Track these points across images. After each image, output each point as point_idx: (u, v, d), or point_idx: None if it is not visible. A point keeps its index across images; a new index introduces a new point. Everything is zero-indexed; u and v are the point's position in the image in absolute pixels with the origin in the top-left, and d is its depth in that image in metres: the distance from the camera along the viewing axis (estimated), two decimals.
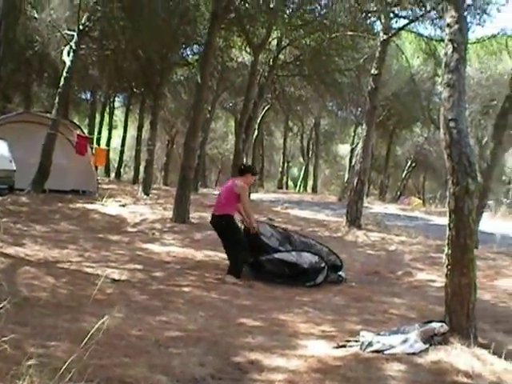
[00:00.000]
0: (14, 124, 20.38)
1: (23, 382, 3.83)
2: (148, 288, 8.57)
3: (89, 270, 9.14)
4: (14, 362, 4.32)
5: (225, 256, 10.75)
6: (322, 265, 9.96)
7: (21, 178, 17.98)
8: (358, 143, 25.94)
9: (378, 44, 17.95)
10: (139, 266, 10.08)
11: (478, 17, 18.12)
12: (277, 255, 10.17)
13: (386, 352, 5.81)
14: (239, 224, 10.50)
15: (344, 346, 6.07)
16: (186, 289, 8.78)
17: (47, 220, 14.57)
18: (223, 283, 9.50)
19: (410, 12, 18.10)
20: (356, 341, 6.14)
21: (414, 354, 5.73)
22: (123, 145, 40.55)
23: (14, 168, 17.72)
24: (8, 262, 9.06)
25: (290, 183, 60.02)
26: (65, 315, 6.47)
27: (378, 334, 6.23)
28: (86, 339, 4.22)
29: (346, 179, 39.31)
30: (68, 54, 20.53)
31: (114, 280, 8.61)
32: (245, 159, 23.92)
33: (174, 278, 9.42)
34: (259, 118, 34.42)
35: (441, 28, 18.53)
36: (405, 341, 5.93)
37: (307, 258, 10.05)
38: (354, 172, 18.34)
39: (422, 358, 5.63)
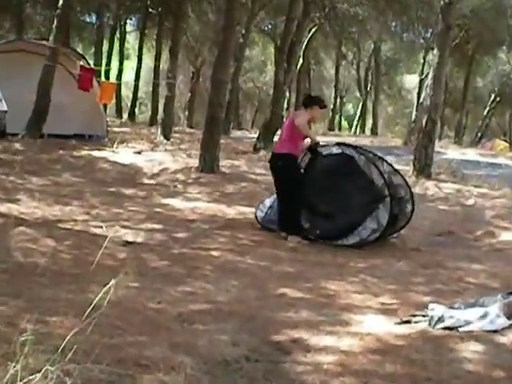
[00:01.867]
0: (3, 55, 20.40)
1: (16, 363, 3.81)
2: (169, 252, 8.65)
3: (97, 231, 9.18)
4: (5, 341, 4.32)
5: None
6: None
7: (14, 121, 18.10)
8: (428, 73, 25.60)
9: None
10: (158, 226, 10.16)
11: None
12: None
13: (460, 329, 5.74)
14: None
15: (408, 322, 6.03)
16: (214, 253, 8.84)
17: (46, 171, 14.67)
18: (286, 241, 9.77)
19: None
20: (423, 315, 6.10)
21: (495, 331, 5.67)
22: (137, 78, 40.46)
23: (5, 108, 17.82)
24: None
25: (344, 123, 59.61)
26: (68, 285, 6.51)
27: (451, 308, 6.18)
28: (89, 310, 4.23)
29: (413, 118, 38.87)
30: None
31: (127, 242, 8.71)
32: (287, 94, 23.53)
33: (200, 240, 9.49)
34: (305, 43, 34.08)
35: None
36: (484, 315, 5.87)
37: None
38: (424, 109, 18.11)
39: (504, 336, 5.58)
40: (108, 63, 40.89)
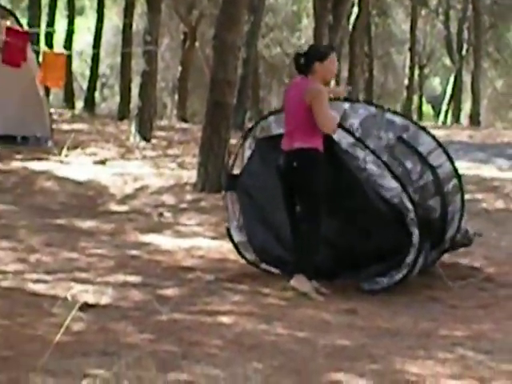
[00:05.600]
0: None
1: None
2: (152, 319, 8.50)
3: (38, 288, 9.33)
4: None
5: None
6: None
7: None
8: None
9: None
10: (134, 279, 10.19)
11: None
12: None
13: None
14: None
15: None
16: (225, 319, 8.72)
17: None
18: (300, 294, 9.61)
19: None
20: None
21: None
22: (97, 46, 40.40)
23: None
24: None
25: (427, 108, 58.82)
26: None
27: None
28: None
29: None
30: None
31: (86, 306, 8.66)
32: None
33: (201, 300, 9.39)
34: None
35: None
36: None
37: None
38: None
39: None
40: (51, 23, 40.41)
